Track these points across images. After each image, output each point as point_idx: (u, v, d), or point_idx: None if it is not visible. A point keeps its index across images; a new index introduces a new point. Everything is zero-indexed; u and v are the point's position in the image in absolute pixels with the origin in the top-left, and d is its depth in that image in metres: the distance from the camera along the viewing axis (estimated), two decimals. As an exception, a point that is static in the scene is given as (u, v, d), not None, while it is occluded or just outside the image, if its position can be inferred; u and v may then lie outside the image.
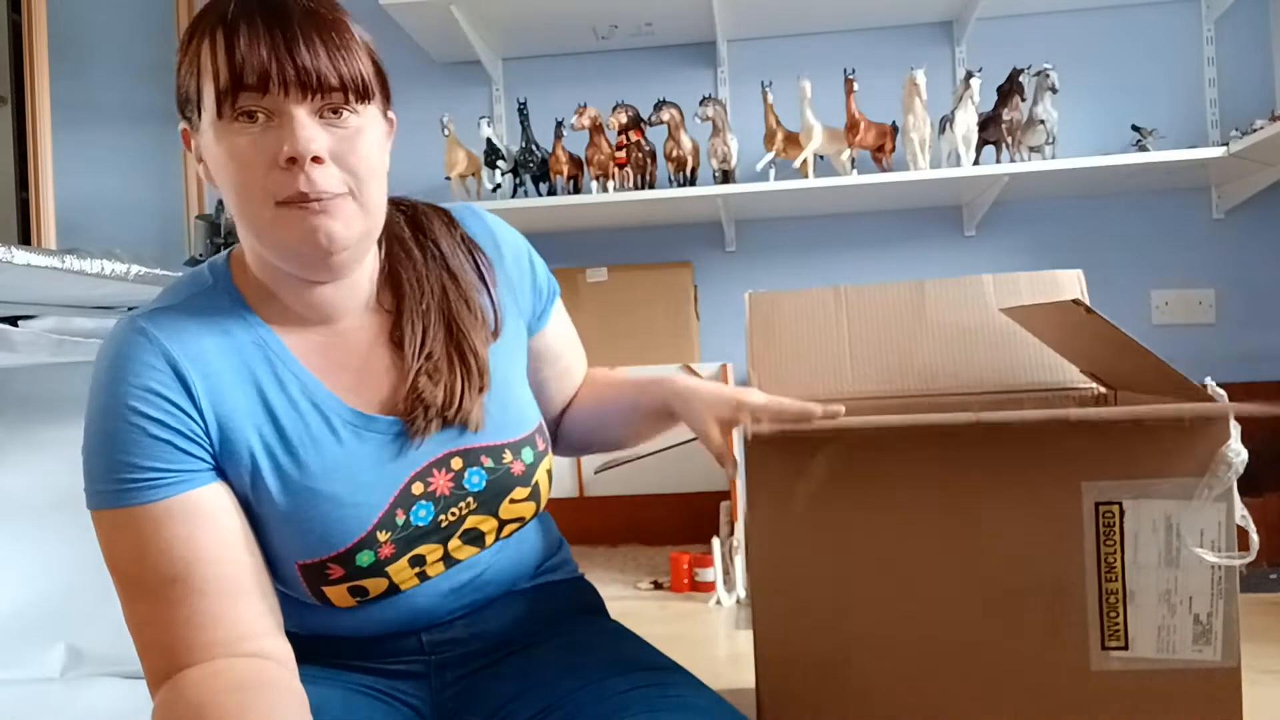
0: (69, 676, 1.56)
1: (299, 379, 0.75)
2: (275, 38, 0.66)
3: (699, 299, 2.51)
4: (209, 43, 0.67)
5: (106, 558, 0.69)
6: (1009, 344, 1.11)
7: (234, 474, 0.73)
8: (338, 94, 0.68)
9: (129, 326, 0.72)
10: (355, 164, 0.69)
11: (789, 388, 1.12)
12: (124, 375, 0.69)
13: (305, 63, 0.66)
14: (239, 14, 0.66)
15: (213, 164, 0.70)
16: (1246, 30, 2.40)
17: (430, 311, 0.79)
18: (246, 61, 0.65)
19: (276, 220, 0.68)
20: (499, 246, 0.87)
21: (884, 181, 2.22)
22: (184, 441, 0.69)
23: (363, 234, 0.72)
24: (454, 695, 0.84)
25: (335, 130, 0.69)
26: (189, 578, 0.67)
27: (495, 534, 0.82)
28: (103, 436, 0.69)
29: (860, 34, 2.52)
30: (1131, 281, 2.44)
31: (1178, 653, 0.80)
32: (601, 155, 2.32)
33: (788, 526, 0.84)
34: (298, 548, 0.74)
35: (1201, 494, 0.78)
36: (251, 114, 0.67)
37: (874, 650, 0.83)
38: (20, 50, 2.06)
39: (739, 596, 1.97)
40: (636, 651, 0.85)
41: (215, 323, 0.74)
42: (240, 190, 0.68)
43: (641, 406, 0.92)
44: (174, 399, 0.69)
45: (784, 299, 1.18)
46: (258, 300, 0.76)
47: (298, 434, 0.74)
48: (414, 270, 0.80)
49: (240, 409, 0.72)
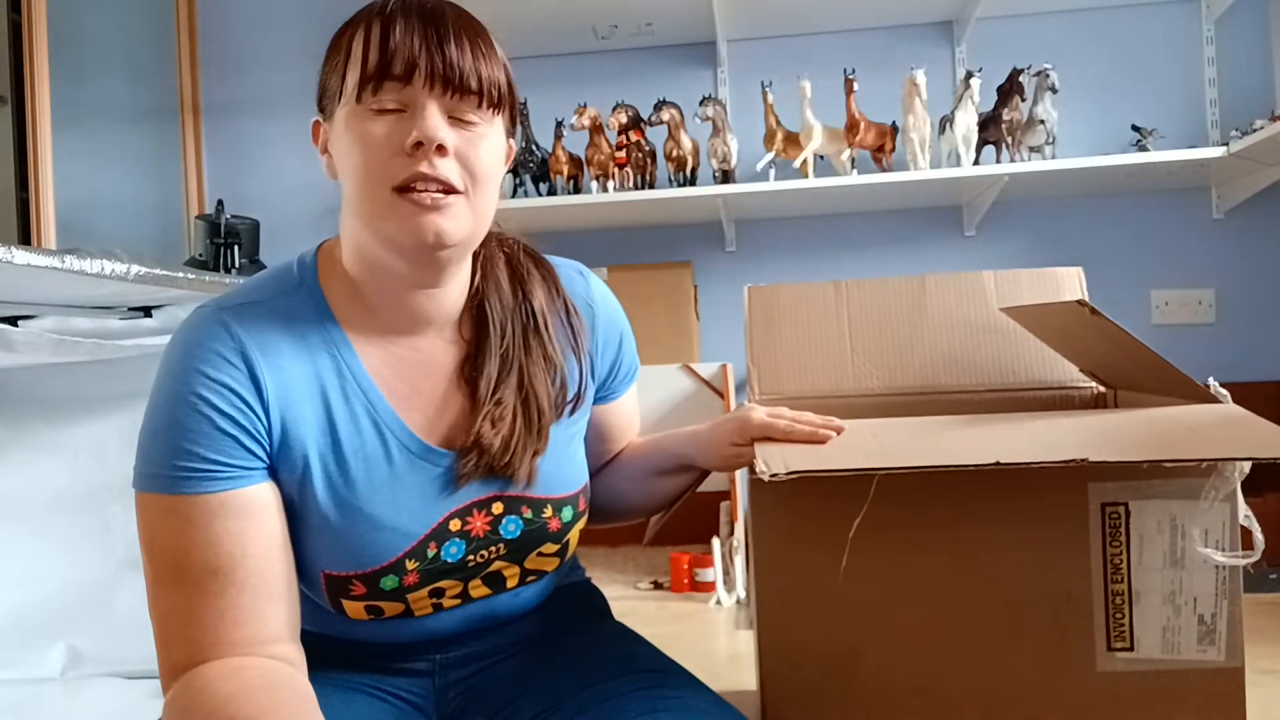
0: (69, 676, 1.56)
1: (366, 396, 0.75)
2: (428, 32, 0.68)
3: (699, 299, 2.51)
4: (363, 33, 0.69)
5: (146, 541, 0.69)
6: (1009, 340, 1.11)
7: (285, 476, 0.73)
8: (473, 97, 0.70)
9: (211, 317, 0.72)
10: (475, 165, 0.70)
11: (789, 383, 1.11)
12: (199, 364, 0.69)
13: (452, 59, 0.68)
14: (396, 9, 0.69)
15: (339, 150, 0.71)
16: (1246, 30, 2.40)
17: (509, 357, 0.79)
18: (398, 51, 0.67)
19: (390, 207, 0.69)
20: (594, 313, 0.87)
21: (884, 181, 2.22)
22: (248, 439, 0.70)
23: (468, 236, 0.72)
24: (457, 695, 0.84)
25: (463, 130, 0.70)
26: (232, 571, 0.67)
27: (516, 580, 0.83)
28: (169, 421, 0.69)
29: (860, 34, 2.52)
30: (1131, 281, 2.44)
31: (1182, 653, 0.80)
32: (601, 155, 2.32)
33: (792, 530, 0.83)
34: (328, 558, 0.74)
35: (1208, 495, 0.78)
36: (387, 108, 0.68)
37: (880, 653, 0.82)
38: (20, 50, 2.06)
39: (739, 596, 1.97)
40: (637, 652, 0.86)
41: (294, 327, 0.74)
42: (361, 173, 0.69)
43: (654, 465, 0.94)
44: (245, 396, 0.70)
45: (783, 292, 1.17)
46: (342, 304, 0.76)
47: (353, 450, 0.74)
48: (501, 310, 0.80)
49: (304, 416, 0.72)
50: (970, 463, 0.70)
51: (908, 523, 0.81)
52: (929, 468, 0.70)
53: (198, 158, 2.71)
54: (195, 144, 2.69)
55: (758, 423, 0.83)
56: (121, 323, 1.42)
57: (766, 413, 0.84)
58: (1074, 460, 0.69)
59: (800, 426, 0.81)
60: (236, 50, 2.71)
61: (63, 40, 2.16)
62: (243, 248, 2.22)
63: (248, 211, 2.43)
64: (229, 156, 2.72)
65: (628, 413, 0.96)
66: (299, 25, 2.68)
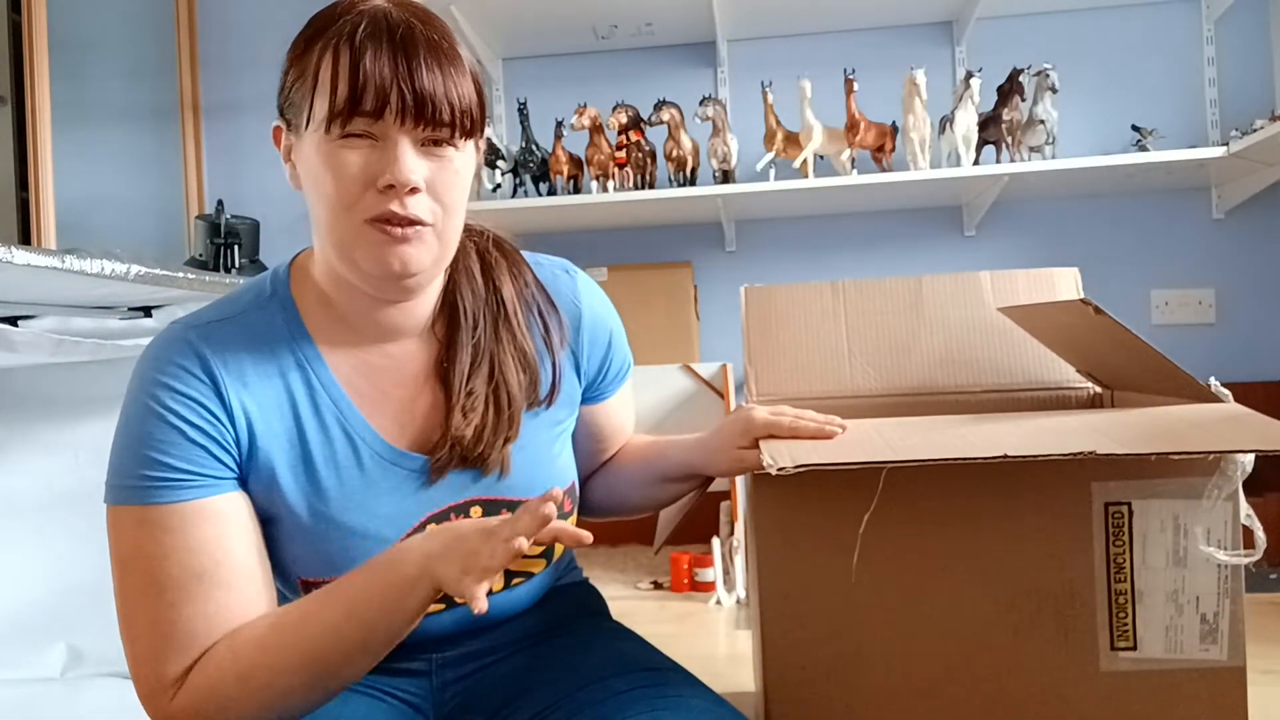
0: (69, 676, 1.56)
1: (336, 406, 0.76)
2: (399, 66, 0.67)
3: (699, 299, 2.51)
4: (331, 58, 0.68)
5: (119, 556, 0.69)
6: (1006, 340, 1.11)
7: (255, 487, 0.74)
8: (446, 128, 0.69)
9: (179, 335, 0.73)
10: (445, 195, 0.71)
11: (786, 385, 1.11)
12: (166, 379, 0.70)
13: (424, 90, 0.67)
14: (366, 36, 0.67)
15: (307, 173, 0.72)
16: (1246, 30, 2.40)
17: (480, 347, 0.80)
18: (368, 84, 0.66)
19: (360, 237, 0.69)
20: (580, 313, 0.86)
21: (884, 181, 2.22)
22: (217, 449, 0.71)
23: (435, 261, 0.73)
24: (455, 694, 0.84)
25: (434, 160, 0.70)
26: (214, 574, 0.68)
27: (502, 583, 0.83)
28: (139, 435, 0.69)
29: (860, 34, 2.52)
30: (1131, 281, 2.44)
31: (1185, 652, 0.80)
32: (601, 155, 2.31)
33: (795, 528, 0.83)
34: (305, 564, 0.75)
35: (1210, 494, 0.78)
36: (357, 135, 0.68)
37: (883, 653, 0.82)
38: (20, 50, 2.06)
39: (739, 596, 1.97)
40: (637, 651, 0.86)
41: (262, 342, 0.75)
42: (332, 204, 0.69)
43: (658, 472, 0.94)
44: (212, 409, 0.71)
45: (780, 293, 1.16)
46: (314, 313, 0.77)
47: (323, 459, 0.75)
48: (473, 301, 0.81)
49: (271, 429, 0.73)
50: (978, 456, 0.70)
51: (911, 523, 0.81)
52: (937, 460, 0.70)
53: (198, 158, 2.70)
54: (195, 144, 2.69)
55: (761, 422, 0.83)
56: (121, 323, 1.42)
57: (769, 411, 0.84)
58: (1082, 453, 0.68)
59: (804, 423, 0.81)
60: (236, 50, 2.71)
61: (63, 40, 2.16)
62: (243, 248, 2.22)
63: (248, 211, 2.42)
64: (229, 156, 2.72)
65: (621, 412, 0.96)
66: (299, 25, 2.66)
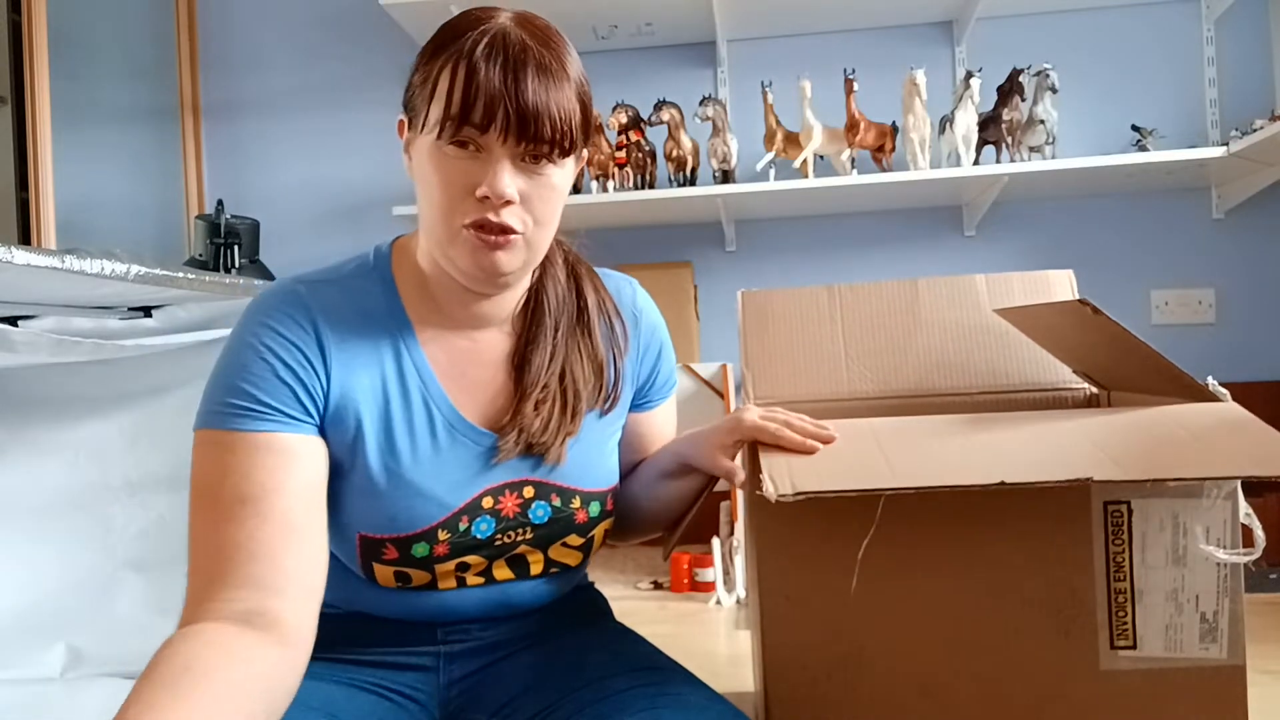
0: (69, 676, 1.55)
1: (420, 376, 0.81)
2: (508, 85, 0.72)
3: (699, 299, 2.50)
4: (450, 70, 0.73)
5: (193, 477, 0.73)
6: (1002, 342, 1.11)
7: (335, 439, 0.78)
8: (545, 145, 0.74)
9: (289, 285, 0.80)
10: (539, 210, 0.76)
11: (784, 387, 1.12)
12: (270, 321, 0.77)
13: (528, 109, 0.72)
14: (484, 55, 0.73)
15: (419, 170, 0.78)
16: (1246, 30, 2.40)
17: (557, 347, 0.86)
18: (478, 102, 0.72)
19: (457, 238, 0.76)
20: (638, 321, 0.93)
21: (884, 181, 2.22)
22: (303, 393, 0.76)
23: (524, 265, 0.79)
24: (459, 692, 0.86)
25: (532, 175, 0.75)
26: (259, 501, 0.70)
27: (540, 568, 0.86)
28: (233, 365, 0.75)
29: (860, 34, 2.52)
30: (1131, 281, 2.44)
31: (1185, 651, 0.80)
32: (601, 155, 2.32)
33: (794, 531, 0.83)
34: (366, 520, 0.79)
35: (1209, 493, 0.78)
36: (464, 143, 0.74)
37: (883, 653, 0.82)
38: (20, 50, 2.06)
39: (739, 596, 1.97)
40: (637, 651, 0.87)
41: (363, 306, 0.81)
42: (436, 204, 0.76)
43: (656, 468, 0.96)
44: (309, 355, 0.76)
45: (776, 297, 1.17)
46: (410, 292, 0.83)
47: (401, 422, 0.80)
48: (556, 304, 0.88)
49: (360, 385, 0.79)
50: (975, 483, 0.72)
51: (911, 524, 0.81)
52: (934, 488, 0.72)
53: (198, 158, 2.70)
54: (195, 144, 2.69)
55: (749, 424, 0.85)
56: (121, 323, 1.42)
57: (760, 414, 0.85)
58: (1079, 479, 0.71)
59: (790, 434, 0.82)
60: (236, 50, 2.71)
61: (63, 40, 2.16)
62: (243, 248, 2.23)
63: (248, 211, 2.43)
64: (229, 157, 2.72)
65: (662, 425, 0.99)
66: (299, 25, 2.68)
